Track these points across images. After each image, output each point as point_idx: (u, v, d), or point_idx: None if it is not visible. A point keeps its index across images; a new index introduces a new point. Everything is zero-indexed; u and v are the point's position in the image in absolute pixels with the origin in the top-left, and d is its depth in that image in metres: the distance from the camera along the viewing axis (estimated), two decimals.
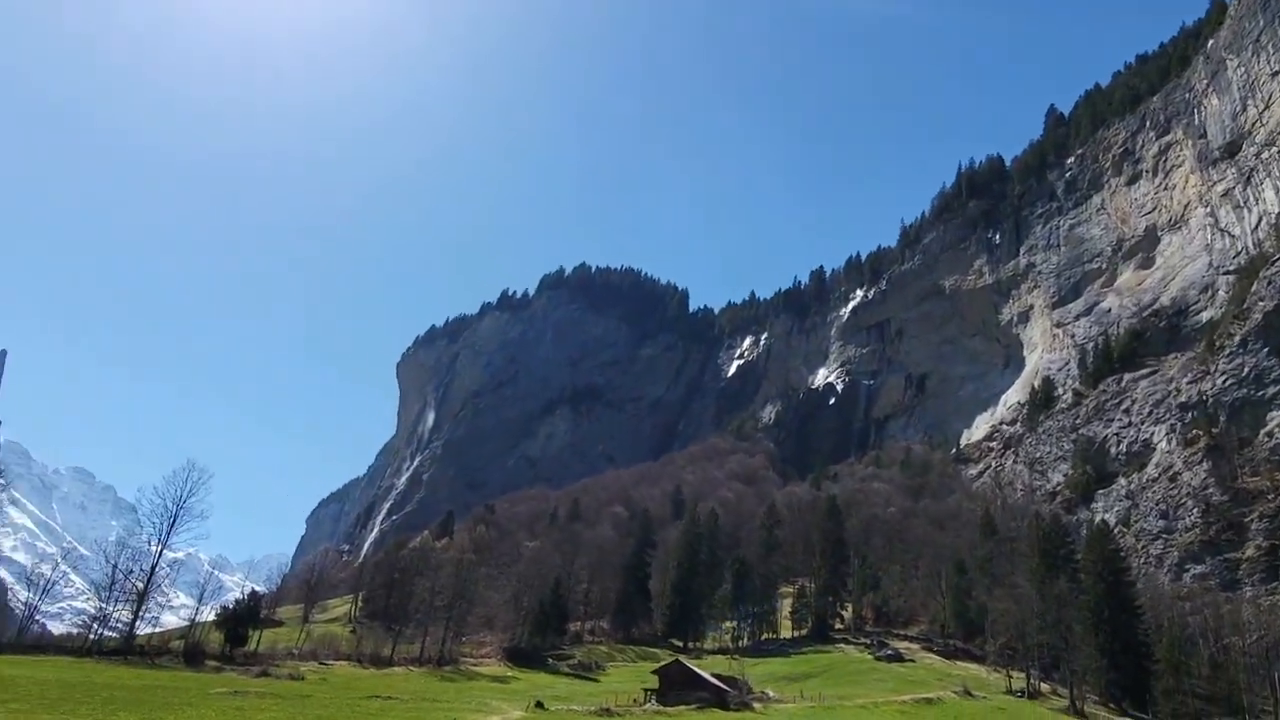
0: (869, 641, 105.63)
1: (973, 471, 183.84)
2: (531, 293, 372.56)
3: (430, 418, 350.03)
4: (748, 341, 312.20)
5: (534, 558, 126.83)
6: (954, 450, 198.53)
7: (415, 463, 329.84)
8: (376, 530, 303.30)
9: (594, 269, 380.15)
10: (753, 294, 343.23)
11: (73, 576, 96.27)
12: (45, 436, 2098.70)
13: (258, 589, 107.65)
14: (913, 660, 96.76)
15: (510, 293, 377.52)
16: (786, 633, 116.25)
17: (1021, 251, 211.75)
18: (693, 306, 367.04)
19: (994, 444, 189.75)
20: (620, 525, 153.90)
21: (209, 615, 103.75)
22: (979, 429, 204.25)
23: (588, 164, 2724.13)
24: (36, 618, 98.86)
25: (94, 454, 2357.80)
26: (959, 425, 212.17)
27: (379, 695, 62.37)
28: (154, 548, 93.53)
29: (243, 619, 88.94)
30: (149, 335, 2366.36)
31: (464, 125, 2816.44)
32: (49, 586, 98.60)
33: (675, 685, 72.56)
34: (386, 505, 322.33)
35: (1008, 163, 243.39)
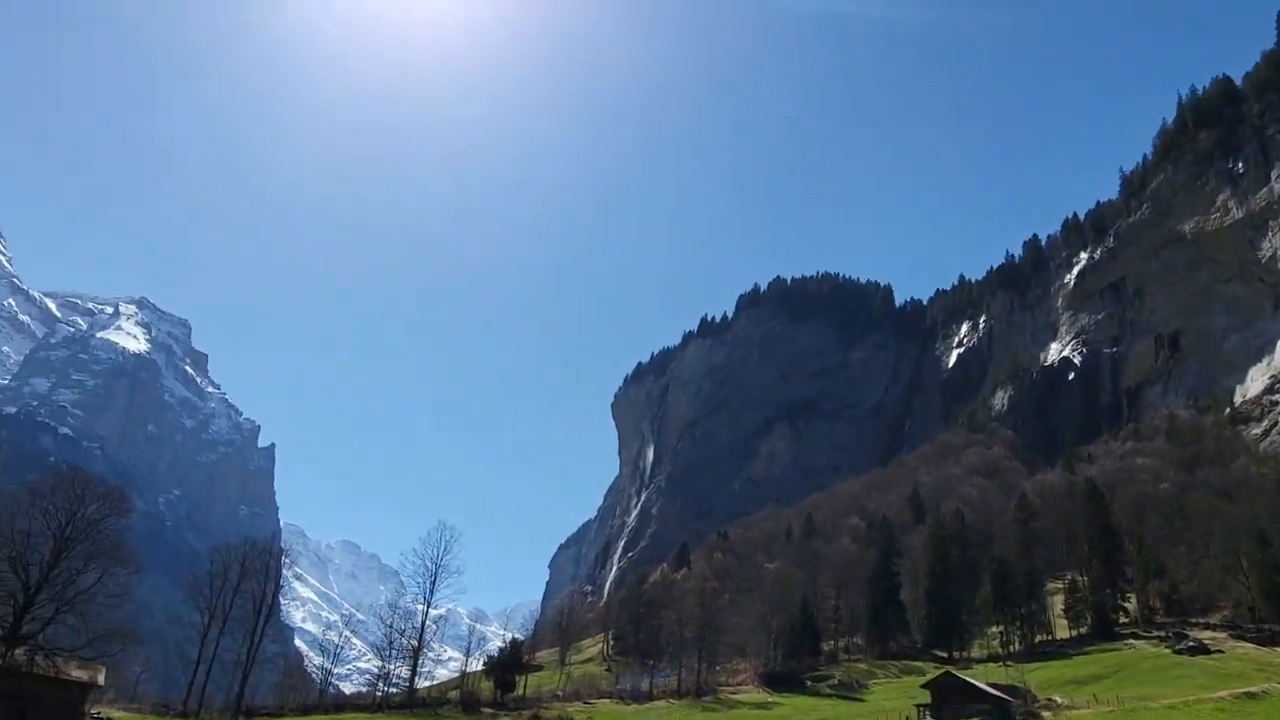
0: (1164, 634, 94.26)
1: (1255, 431, 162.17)
2: (730, 314, 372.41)
3: (650, 453, 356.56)
4: (965, 328, 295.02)
5: (776, 579, 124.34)
6: (1228, 411, 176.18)
7: (642, 498, 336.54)
8: (615, 569, 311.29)
9: (789, 280, 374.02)
10: (962, 277, 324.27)
11: (354, 640, 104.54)
12: (315, 515, 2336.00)
13: (517, 636, 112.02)
14: (1220, 651, 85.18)
15: (709, 318, 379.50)
16: (1062, 633, 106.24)
17: (1273, 176, 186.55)
18: (899, 301, 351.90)
19: (1277, 396, 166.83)
20: (859, 537, 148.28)
21: (476, 665, 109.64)
22: (1255, 383, 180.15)
23: (771, 174, 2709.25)
24: (331, 680, 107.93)
25: (357, 527, 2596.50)
26: (1229, 382, 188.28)
27: None
28: (420, 606, 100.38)
29: (508, 666, 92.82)
30: (383, 405, 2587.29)
31: (640, 154, 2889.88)
32: (337, 651, 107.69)
33: (950, 699, 67.78)
34: (621, 543, 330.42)
35: (1238, 81, 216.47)
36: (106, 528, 63.13)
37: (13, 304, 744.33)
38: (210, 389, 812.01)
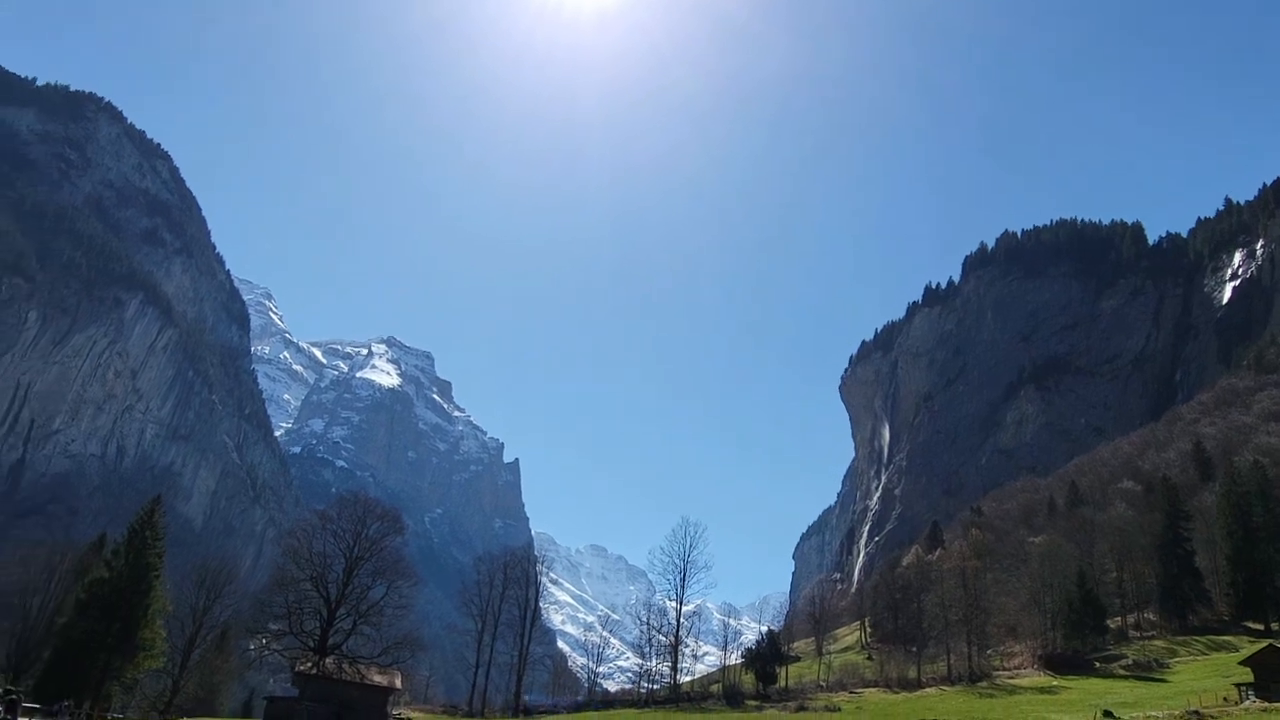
0: None
1: None
2: (957, 279, 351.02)
3: (885, 432, 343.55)
4: (1238, 258, 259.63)
5: (1044, 554, 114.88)
6: None
7: (883, 480, 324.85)
8: (862, 555, 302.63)
9: (1020, 234, 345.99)
10: (1228, 200, 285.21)
11: (612, 640, 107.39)
12: (562, 523, 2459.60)
13: (771, 628, 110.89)
14: None
15: (934, 285, 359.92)
16: None
17: None
18: (1152, 238, 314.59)
19: None
20: (1136, 501, 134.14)
21: (733, 659, 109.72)
22: None
23: (981, 125, 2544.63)
24: (596, 678, 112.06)
25: (603, 530, 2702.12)
26: None
27: (925, 719, 59.12)
28: (671, 604, 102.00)
29: (767, 658, 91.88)
30: (614, 411, 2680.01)
31: (834, 132, 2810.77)
32: (600, 651, 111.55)
33: (1277, 675, 59.28)
34: (865, 528, 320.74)
35: None
36: (387, 545, 69.03)
37: (287, 356, 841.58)
38: (456, 413, 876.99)
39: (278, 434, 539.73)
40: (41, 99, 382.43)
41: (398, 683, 61.22)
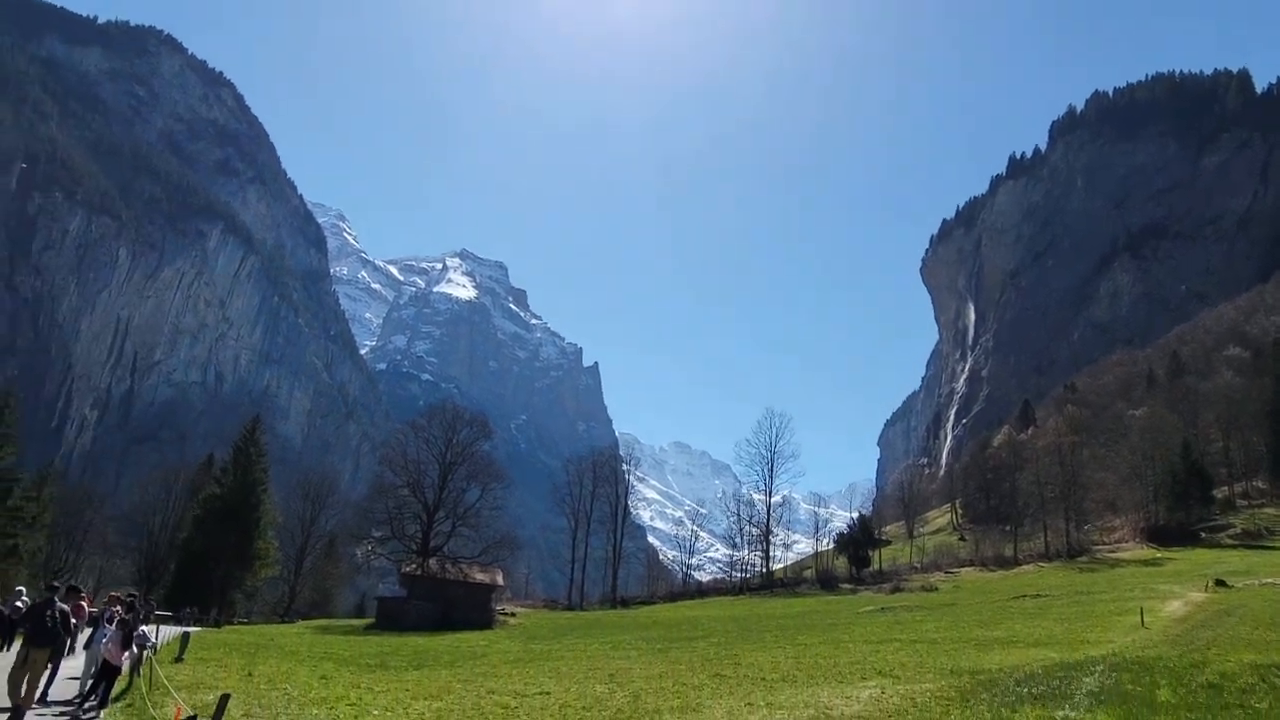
0: None
1: None
2: (1043, 147, 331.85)
3: (970, 313, 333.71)
4: None
5: (1145, 426, 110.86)
6: None
7: (969, 362, 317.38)
8: (949, 438, 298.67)
9: (1111, 93, 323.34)
10: None
11: (700, 534, 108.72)
12: (645, 423, 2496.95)
13: (862, 512, 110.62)
14: None
15: (1018, 155, 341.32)
16: None
17: None
18: (1260, 86, 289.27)
19: None
20: (1243, 368, 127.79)
21: (823, 546, 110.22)
22: None
23: None
24: (687, 571, 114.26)
25: (685, 427, 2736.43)
26: None
27: (1024, 594, 58.07)
28: (758, 496, 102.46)
29: (860, 542, 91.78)
30: (691, 308, 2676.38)
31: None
32: (691, 544, 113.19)
33: None
34: (952, 411, 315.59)
35: None
36: (477, 450, 70.50)
37: (365, 276, 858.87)
38: (533, 321, 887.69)
39: (363, 352, 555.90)
40: (105, 37, 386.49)
41: (500, 580, 63.08)
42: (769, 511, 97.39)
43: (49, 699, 15.73)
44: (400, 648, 37.11)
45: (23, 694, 14.01)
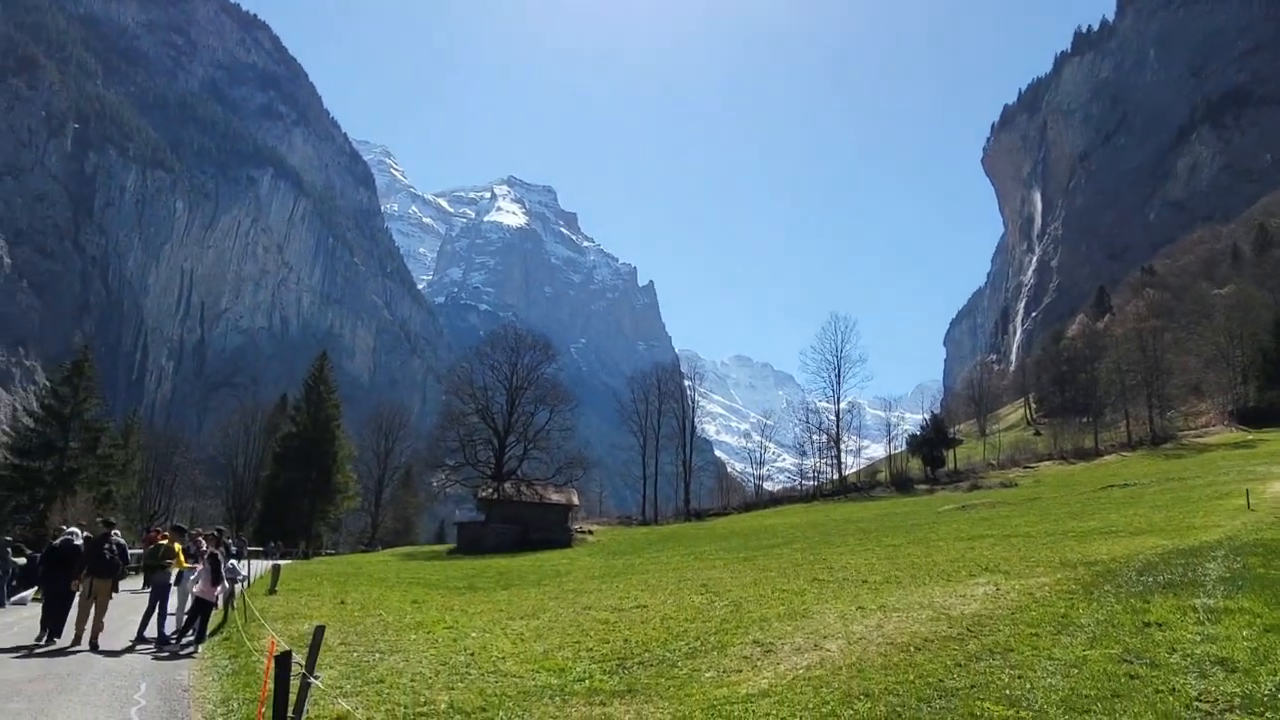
0: None
1: None
2: (1111, 17, 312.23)
3: (1037, 200, 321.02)
4: None
5: (1231, 305, 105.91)
6: None
7: (1037, 252, 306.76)
8: (1019, 333, 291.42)
9: None
10: None
11: (767, 445, 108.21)
12: (704, 338, 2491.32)
13: (934, 412, 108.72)
14: None
15: (1084, 29, 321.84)
16: None
17: None
18: None
19: None
20: None
21: (895, 449, 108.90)
22: None
23: None
24: (758, 481, 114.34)
25: (745, 340, 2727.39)
26: None
27: (1112, 485, 56.29)
28: (822, 404, 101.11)
29: (934, 442, 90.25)
30: (741, 219, 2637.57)
31: None
32: (761, 455, 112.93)
33: None
34: (1021, 304, 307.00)
35: None
36: (542, 373, 70.60)
37: (416, 210, 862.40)
38: (586, 244, 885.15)
39: (420, 286, 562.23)
40: None
41: (575, 499, 63.61)
42: (838, 418, 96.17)
43: (146, 636, 15.86)
44: (484, 570, 37.43)
45: (89, 622, 15.33)
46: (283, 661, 7.52)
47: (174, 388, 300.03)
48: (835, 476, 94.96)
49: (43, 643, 15.18)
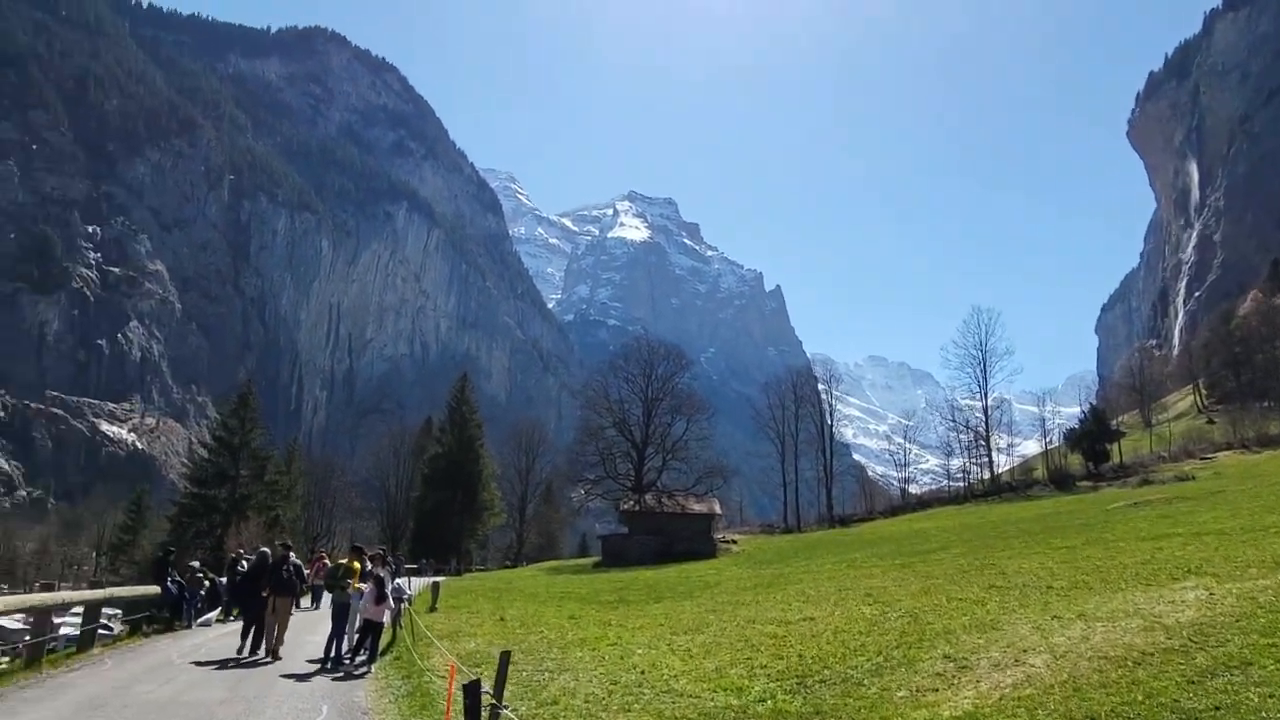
0: None
1: None
2: None
3: (1192, 170, 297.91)
4: None
5: None
6: None
7: (1196, 227, 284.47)
8: (1181, 314, 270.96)
9: None
10: None
11: (908, 446, 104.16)
12: (835, 340, 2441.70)
13: (1094, 404, 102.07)
14: None
15: None
16: None
17: None
18: None
19: None
20: None
21: (1050, 444, 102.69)
22: None
23: None
24: (902, 484, 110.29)
25: (877, 340, 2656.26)
26: None
27: None
28: (966, 401, 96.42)
29: (1095, 436, 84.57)
30: (865, 216, 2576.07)
31: None
32: (904, 457, 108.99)
33: None
34: (1181, 284, 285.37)
35: None
36: (677, 382, 70.34)
37: (542, 232, 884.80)
38: (709, 253, 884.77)
39: (550, 305, 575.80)
40: (280, 45, 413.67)
41: (717, 508, 62.92)
42: (986, 414, 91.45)
43: (330, 656, 16.22)
44: (631, 582, 37.22)
45: (275, 637, 17.18)
46: (471, 690, 7.29)
47: (327, 416, 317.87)
48: (986, 476, 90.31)
49: (244, 655, 17.00)
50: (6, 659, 19.01)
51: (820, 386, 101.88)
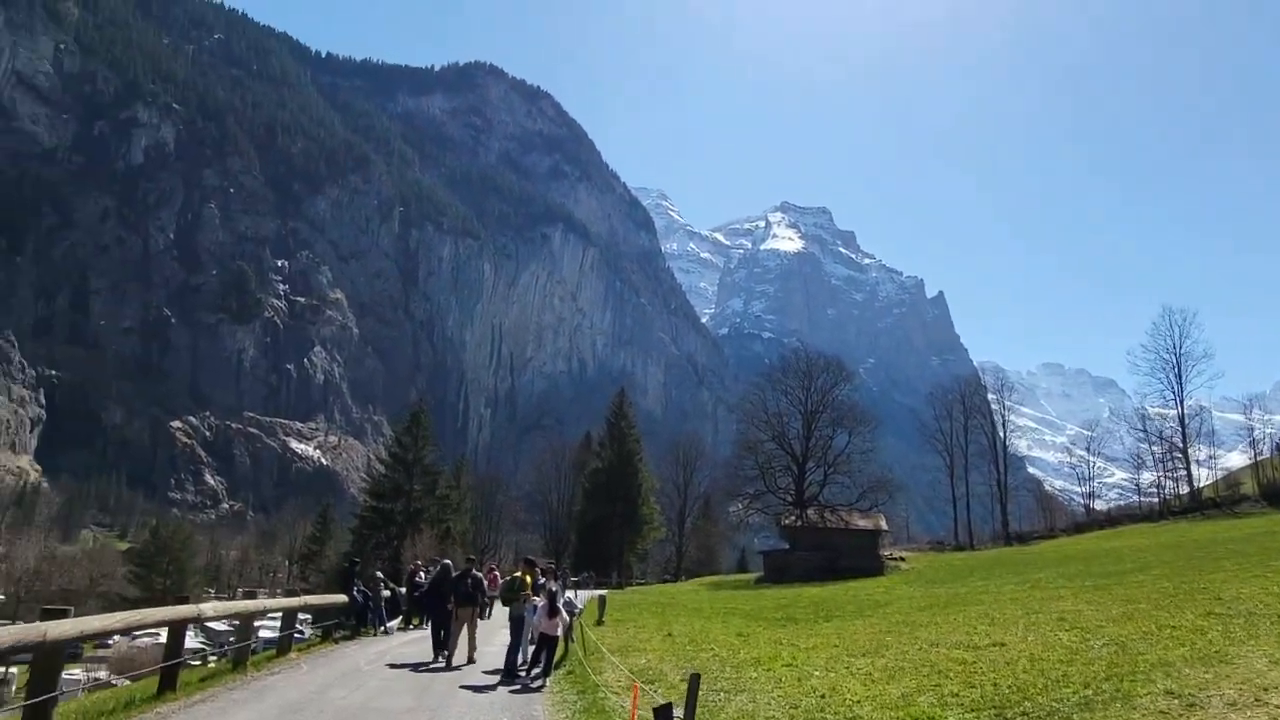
0: None
1: None
2: None
3: None
4: None
5: None
6: None
7: None
8: None
9: None
10: None
11: (1091, 458, 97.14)
12: (1004, 347, 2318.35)
13: None
14: None
15: None
16: None
17: None
18: None
19: None
20: None
21: (1261, 455, 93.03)
22: None
23: None
24: (1085, 499, 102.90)
25: (1052, 346, 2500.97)
26: None
27: None
28: (1155, 410, 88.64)
29: None
30: (1038, 212, 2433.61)
31: None
32: (1089, 471, 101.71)
33: None
34: None
35: None
36: (838, 395, 68.45)
37: (694, 247, 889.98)
38: (866, 261, 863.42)
39: (703, 320, 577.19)
40: (442, 81, 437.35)
41: (883, 524, 60.68)
42: (1183, 424, 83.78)
43: (506, 669, 16.51)
44: (795, 599, 36.25)
45: (458, 645, 18.09)
46: (664, 714, 7.05)
47: (491, 432, 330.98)
48: (1183, 491, 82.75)
49: (438, 661, 17.91)
50: (214, 659, 20.47)
51: (990, 396, 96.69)
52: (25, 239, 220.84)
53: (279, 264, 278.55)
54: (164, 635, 17.76)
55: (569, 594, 19.04)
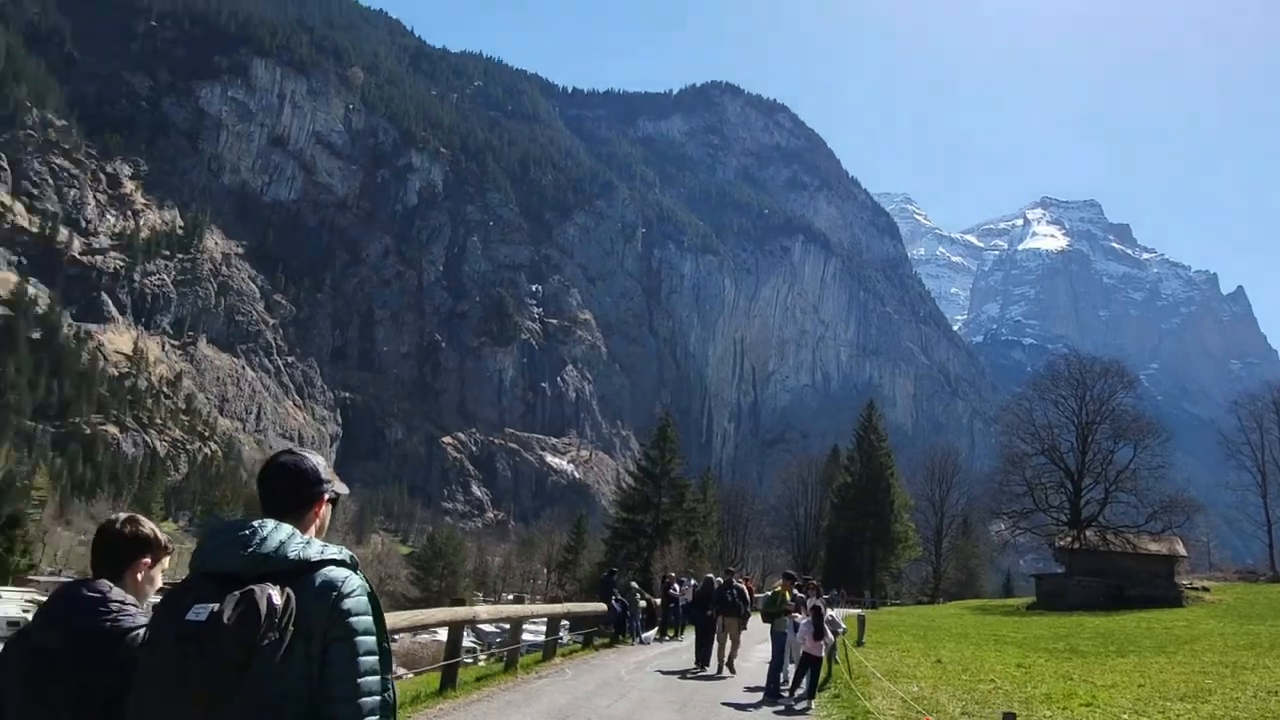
0: None
1: None
2: None
3: None
4: None
5: None
6: None
7: None
8: None
9: None
10: None
11: None
12: None
13: None
14: None
15: None
16: None
17: None
18: None
19: None
20: None
21: None
22: None
23: None
24: None
25: None
26: None
27: None
28: None
29: None
30: None
31: None
32: None
33: None
34: None
35: None
36: (1118, 404, 61.65)
37: (943, 252, 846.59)
38: (1145, 256, 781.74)
39: (955, 328, 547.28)
40: (680, 105, 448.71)
41: (1179, 549, 53.46)
42: None
43: (769, 688, 15.99)
44: (1077, 629, 32.69)
45: (725, 653, 18.51)
46: None
47: (736, 446, 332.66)
48: None
49: (700, 668, 18.47)
50: (485, 660, 21.52)
51: None
52: (324, 277, 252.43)
53: (534, 288, 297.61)
54: (442, 634, 18.95)
55: (832, 613, 18.15)
